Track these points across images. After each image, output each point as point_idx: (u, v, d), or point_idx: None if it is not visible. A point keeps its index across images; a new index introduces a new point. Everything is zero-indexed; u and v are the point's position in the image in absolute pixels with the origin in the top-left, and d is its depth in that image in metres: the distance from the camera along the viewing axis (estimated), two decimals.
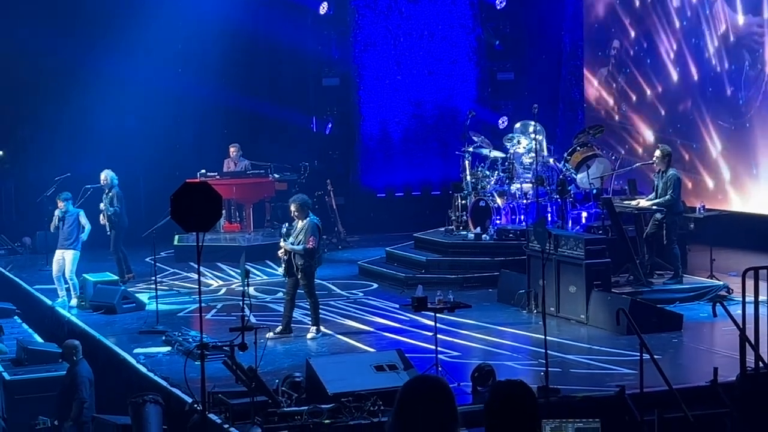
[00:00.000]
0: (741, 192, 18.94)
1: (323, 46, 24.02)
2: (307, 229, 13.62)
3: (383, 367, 10.87)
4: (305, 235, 13.61)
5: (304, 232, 13.63)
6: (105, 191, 17.87)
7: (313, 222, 13.75)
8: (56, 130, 22.66)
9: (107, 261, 18.53)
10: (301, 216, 13.78)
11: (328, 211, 22.01)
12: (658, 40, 20.82)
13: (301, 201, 13.90)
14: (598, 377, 11.63)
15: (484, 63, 24.34)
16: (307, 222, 13.69)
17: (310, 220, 13.75)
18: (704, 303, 14.78)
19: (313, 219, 13.86)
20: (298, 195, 14.41)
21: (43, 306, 16.80)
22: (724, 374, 10.62)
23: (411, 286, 15.93)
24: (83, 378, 12.45)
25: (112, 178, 17.91)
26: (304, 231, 13.64)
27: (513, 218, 17.64)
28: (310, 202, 14.20)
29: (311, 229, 13.64)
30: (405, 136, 24.18)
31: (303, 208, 13.81)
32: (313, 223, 13.72)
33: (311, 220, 13.77)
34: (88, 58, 22.15)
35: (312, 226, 13.67)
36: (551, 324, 13.25)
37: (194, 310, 15.65)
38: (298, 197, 14.10)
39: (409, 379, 4.84)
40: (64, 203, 16.67)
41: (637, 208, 15.72)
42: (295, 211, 13.85)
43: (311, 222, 13.72)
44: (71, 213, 16.67)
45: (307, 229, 13.62)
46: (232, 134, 22.96)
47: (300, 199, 13.98)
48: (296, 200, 13.96)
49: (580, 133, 18.32)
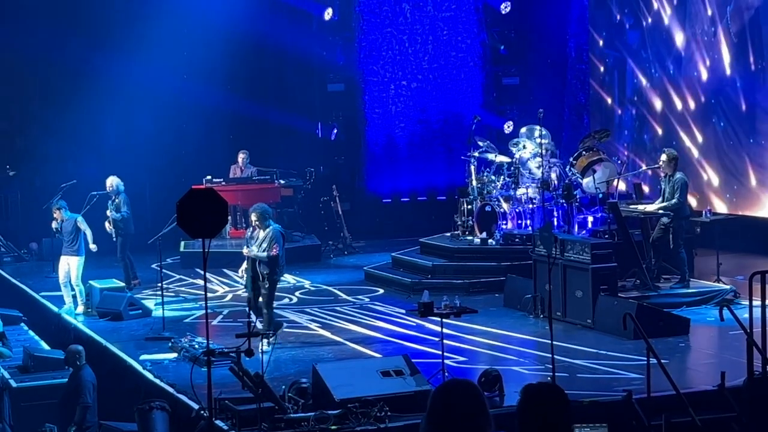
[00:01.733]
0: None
1: (328, 52, 24.02)
2: (271, 237, 13.57)
3: (390, 373, 10.86)
4: (269, 243, 13.54)
5: (268, 240, 13.56)
6: (111, 197, 17.87)
7: (276, 230, 13.73)
8: (62, 136, 22.68)
9: (113, 268, 18.53)
10: (262, 225, 13.71)
11: (334, 217, 22.01)
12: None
13: (261, 210, 13.81)
14: (605, 382, 11.62)
15: (490, 68, 24.32)
16: (270, 230, 13.63)
17: (273, 228, 13.71)
18: (711, 307, 14.76)
19: (276, 227, 13.84)
20: (258, 204, 14.23)
21: (50, 313, 16.81)
22: (731, 379, 10.60)
23: (417, 291, 15.92)
24: (87, 383, 12.46)
25: (118, 185, 17.91)
26: (267, 239, 13.57)
27: (519, 223, 17.62)
28: (270, 210, 14.13)
29: (275, 236, 13.61)
30: (410, 141, 24.17)
31: (263, 217, 13.74)
32: (276, 231, 13.70)
33: (274, 228, 13.74)
34: (94, 64, 22.17)
35: (276, 233, 13.65)
36: (558, 329, 13.21)
37: (200, 317, 15.64)
38: (258, 206, 13.98)
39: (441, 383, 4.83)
40: (61, 212, 16.62)
41: (644, 213, 15.70)
42: (256, 220, 13.78)
43: (275, 230, 13.70)
44: (69, 219, 16.62)
45: (271, 237, 13.57)
46: (237, 140, 22.97)
47: (260, 208, 13.88)
48: (256, 209, 13.85)
49: (585, 138, 18.30)
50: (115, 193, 17.84)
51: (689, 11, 20.16)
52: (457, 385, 4.78)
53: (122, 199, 17.83)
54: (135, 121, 22.50)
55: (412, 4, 23.93)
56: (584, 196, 17.60)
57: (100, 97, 22.29)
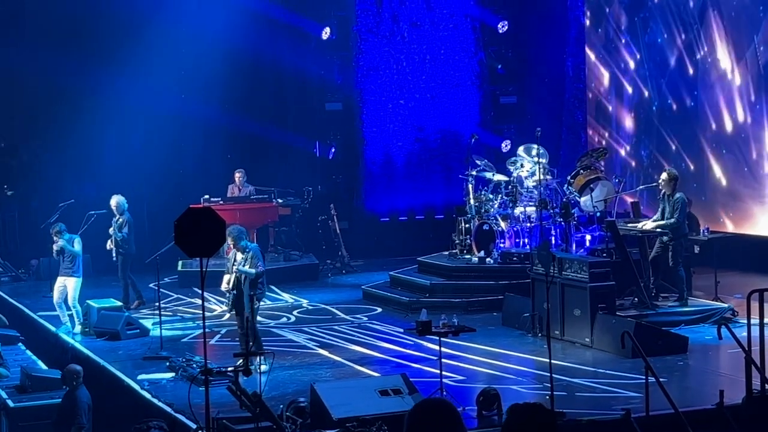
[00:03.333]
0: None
1: (326, 71, 24.07)
2: (253, 255, 13.54)
3: (388, 392, 10.84)
4: (252, 261, 13.50)
5: (251, 259, 13.51)
6: (115, 216, 17.86)
7: (256, 248, 13.74)
8: (60, 155, 22.67)
9: (111, 287, 18.53)
10: (239, 247, 13.65)
11: (332, 236, 22.00)
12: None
13: (236, 233, 13.74)
14: (604, 401, 11.60)
15: (487, 87, 24.38)
16: (249, 251, 13.58)
17: (251, 247, 13.68)
18: (709, 325, 14.75)
19: (254, 246, 13.83)
20: (232, 226, 14.03)
21: (47, 333, 16.77)
22: (730, 397, 10.57)
23: (415, 310, 15.91)
24: (82, 403, 12.40)
25: (122, 204, 17.91)
26: (250, 258, 13.51)
27: (517, 241, 17.63)
28: (245, 231, 14.05)
29: (257, 254, 13.61)
30: (408, 160, 24.19)
31: (239, 238, 13.67)
32: (257, 248, 13.72)
33: (252, 247, 13.72)
34: (92, 83, 22.18)
35: (256, 251, 13.66)
36: (556, 347, 13.23)
37: (198, 336, 15.63)
38: (233, 229, 13.83)
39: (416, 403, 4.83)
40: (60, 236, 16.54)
41: (642, 231, 15.71)
42: (232, 241, 13.70)
43: (255, 248, 13.70)
44: (69, 241, 16.59)
45: (253, 255, 13.54)
46: (235, 159, 22.98)
47: (235, 231, 13.78)
48: (231, 233, 13.68)
49: (583, 156, 18.34)
50: (120, 212, 17.83)
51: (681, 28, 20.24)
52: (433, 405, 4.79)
53: (125, 219, 17.82)
54: (133, 140, 22.50)
55: (409, 23, 23.99)
56: (582, 215, 17.62)
57: (98, 117, 22.31)
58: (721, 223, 19.24)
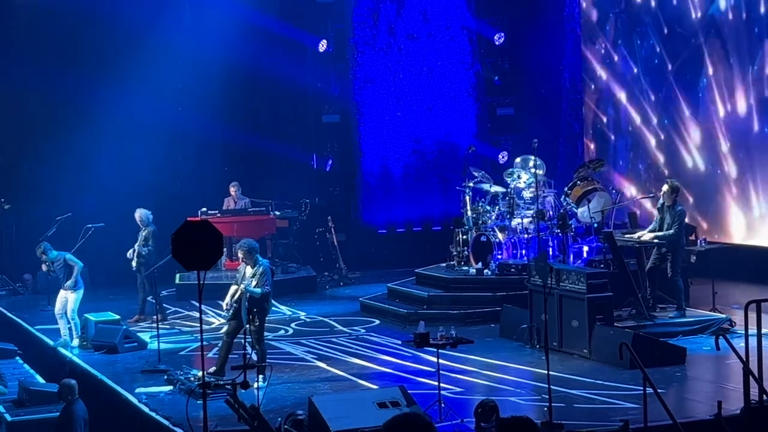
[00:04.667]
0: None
1: (323, 83, 24.09)
2: (262, 273, 13.46)
3: (386, 404, 10.83)
4: (260, 279, 13.44)
5: (259, 276, 13.44)
6: (141, 229, 17.83)
7: (266, 266, 13.63)
8: (57, 169, 22.65)
9: (109, 300, 18.53)
10: (250, 261, 13.60)
11: (330, 248, 21.99)
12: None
13: (247, 247, 13.72)
14: (602, 412, 11.60)
15: (484, 98, 24.41)
16: (260, 267, 13.52)
17: (263, 264, 13.60)
18: (707, 336, 14.75)
19: (265, 263, 13.74)
20: (244, 240, 14.13)
21: (45, 346, 16.75)
22: (728, 407, 10.58)
23: (413, 322, 15.88)
24: (78, 417, 12.37)
25: (145, 216, 17.90)
26: (259, 275, 13.45)
27: (514, 253, 17.63)
28: (257, 246, 13.98)
29: (267, 272, 13.51)
30: (405, 172, 24.21)
31: (251, 253, 13.63)
32: (267, 267, 13.60)
33: (264, 264, 13.63)
34: (89, 97, 22.18)
35: (266, 269, 13.54)
36: (554, 359, 13.22)
37: (196, 349, 15.62)
38: (244, 243, 13.88)
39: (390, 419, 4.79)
40: (46, 255, 16.46)
41: (639, 242, 15.71)
42: (243, 256, 13.70)
43: (265, 266, 13.60)
44: (57, 259, 16.50)
45: (262, 273, 13.46)
46: (232, 172, 22.98)
47: (246, 244, 13.79)
48: (243, 246, 13.76)
49: (580, 167, 18.35)
50: (145, 225, 17.81)
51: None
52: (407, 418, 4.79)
53: (150, 231, 17.75)
54: (130, 153, 22.48)
55: (406, 35, 24.03)
56: (579, 226, 17.63)
57: (95, 130, 22.28)
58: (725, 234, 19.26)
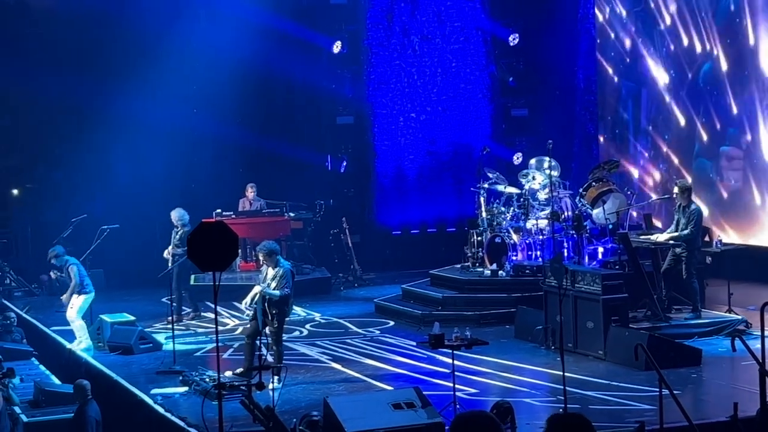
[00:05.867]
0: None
1: (337, 85, 24.10)
2: (282, 275, 13.44)
3: (401, 405, 10.82)
4: (279, 281, 13.42)
5: (279, 279, 13.43)
6: (175, 228, 17.84)
7: (287, 268, 13.60)
8: (72, 170, 22.74)
9: (124, 302, 18.56)
10: (271, 263, 13.59)
11: (344, 249, 22.00)
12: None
13: (268, 249, 13.70)
14: (618, 413, 11.58)
15: (498, 99, 24.39)
16: (280, 269, 13.51)
17: (284, 266, 13.59)
18: (723, 338, 14.73)
19: (287, 265, 13.73)
20: (265, 243, 14.08)
21: (61, 347, 16.79)
22: (744, 409, 10.53)
23: (428, 323, 15.89)
24: (90, 419, 12.40)
25: (182, 216, 17.92)
26: (279, 277, 13.43)
27: (529, 254, 17.61)
28: (278, 248, 13.98)
29: (287, 275, 13.48)
30: (419, 173, 24.20)
31: (271, 255, 13.62)
32: (287, 270, 13.56)
33: (285, 266, 13.62)
34: (104, 98, 22.25)
35: (287, 272, 13.50)
36: (569, 360, 13.18)
37: (211, 350, 15.64)
38: (265, 245, 13.86)
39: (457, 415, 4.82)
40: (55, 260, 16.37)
41: (655, 243, 15.68)
42: (263, 258, 13.70)
43: (286, 268, 13.56)
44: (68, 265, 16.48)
45: (282, 275, 13.44)
46: (247, 173, 23.00)
47: (267, 247, 13.77)
48: (263, 248, 13.74)
49: (595, 169, 18.32)
50: (182, 224, 17.82)
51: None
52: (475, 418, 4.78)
53: (186, 232, 17.65)
54: (145, 155, 22.54)
55: (420, 36, 24.03)
56: (594, 227, 17.59)
57: (110, 132, 22.35)
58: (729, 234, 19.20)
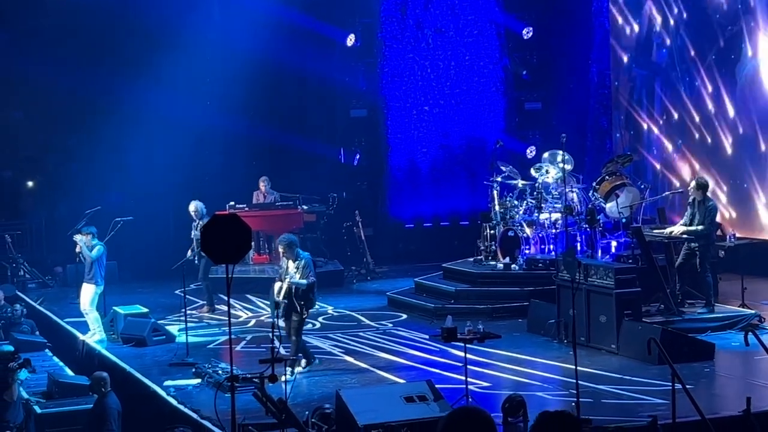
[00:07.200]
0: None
1: (351, 78, 24.10)
2: (305, 265, 13.54)
3: (413, 398, 10.81)
4: (304, 271, 13.51)
5: (303, 269, 13.52)
6: (195, 221, 17.87)
7: (308, 258, 13.71)
8: (86, 163, 22.80)
9: (137, 294, 18.61)
10: (291, 255, 13.65)
11: (357, 242, 22.01)
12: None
13: (287, 241, 13.78)
14: (630, 407, 11.56)
15: (512, 93, 24.35)
16: (302, 260, 13.59)
17: (304, 257, 13.67)
18: (736, 332, 14.68)
19: (306, 255, 13.81)
20: (284, 235, 14.21)
21: (74, 339, 16.84)
22: (757, 404, 10.50)
23: (440, 316, 15.89)
24: (112, 410, 12.44)
25: (201, 208, 17.96)
26: (302, 268, 13.52)
27: (542, 248, 17.59)
28: (296, 240, 14.06)
29: (309, 264, 13.60)
30: (433, 166, 24.19)
31: (291, 247, 13.69)
32: (309, 259, 13.69)
33: (305, 256, 13.70)
34: (118, 92, 22.31)
35: (308, 261, 13.63)
36: (582, 354, 13.17)
37: (224, 342, 15.67)
38: (284, 237, 13.95)
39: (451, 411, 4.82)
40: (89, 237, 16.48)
41: (668, 237, 15.64)
42: (283, 251, 13.76)
43: (307, 258, 13.67)
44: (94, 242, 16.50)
45: (305, 265, 13.54)
46: (260, 166, 23.03)
47: (286, 239, 13.84)
48: (282, 241, 13.82)
49: (608, 162, 18.29)
50: (199, 217, 17.85)
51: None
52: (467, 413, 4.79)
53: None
54: (158, 147, 22.60)
55: (434, 29, 24.01)
56: (608, 221, 17.56)
57: (124, 125, 22.42)
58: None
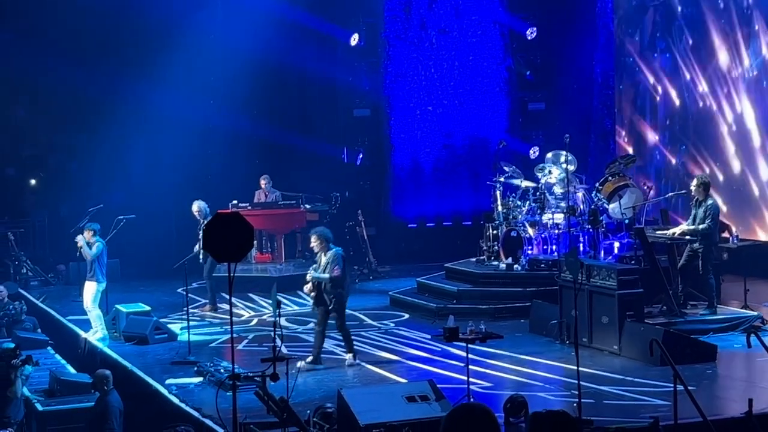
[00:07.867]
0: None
1: (354, 77, 24.10)
2: (333, 259, 13.70)
3: (415, 398, 10.81)
4: (330, 266, 13.68)
5: (330, 263, 13.70)
6: (200, 221, 17.88)
7: (337, 253, 13.84)
8: (89, 161, 22.82)
9: (139, 292, 18.60)
10: (323, 248, 13.83)
11: (359, 242, 22.01)
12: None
13: (320, 233, 13.94)
14: (632, 408, 11.56)
15: (515, 93, 24.34)
16: (331, 253, 13.75)
17: (335, 251, 13.81)
18: (738, 334, 14.66)
19: (337, 250, 13.93)
20: (318, 227, 14.44)
21: (76, 337, 16.85)
22: (759, 406, 10.50)
23: (442, 316, 15.87)
24: (114, 408, 12.45)
25: (204, 208, 17.98)
26: (330, 262, 13.71)
27: (545, 248, 17.58)
28: (330, 234, 14.18)
29: (336, 259, 13.72)
30: (436, 166, 24.18)
31: (322, 239, 13.85)
32: (338, 254, 13.81)
33: (335, 251, 13.83)
34: (120, 90, 22.33)
35: (337, 256, 13.77)
36: (584, 355, 13.17)
37: (226, 341, 15.67)
38: (317, 229, 14.16)
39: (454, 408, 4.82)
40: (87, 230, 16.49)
41: (671, 238, 15.63)
42: (314, 243, 13.93)
43: (336, 253, 13.80)
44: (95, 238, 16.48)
45: (333, 259, 13.70)
46: (263, 165, 23.04)
47: (319, 231, 14.02)
48: (315, 232, 14.02)
49: (611, 163, 18.28)
50: (203, 217, 17.86)
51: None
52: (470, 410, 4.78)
53: None
54: (161, 146, 22.60)
55: (437, 29, 23.99)
56: (610, 222, 17.55)
57: (127, 123, 22.44)
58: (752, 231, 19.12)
